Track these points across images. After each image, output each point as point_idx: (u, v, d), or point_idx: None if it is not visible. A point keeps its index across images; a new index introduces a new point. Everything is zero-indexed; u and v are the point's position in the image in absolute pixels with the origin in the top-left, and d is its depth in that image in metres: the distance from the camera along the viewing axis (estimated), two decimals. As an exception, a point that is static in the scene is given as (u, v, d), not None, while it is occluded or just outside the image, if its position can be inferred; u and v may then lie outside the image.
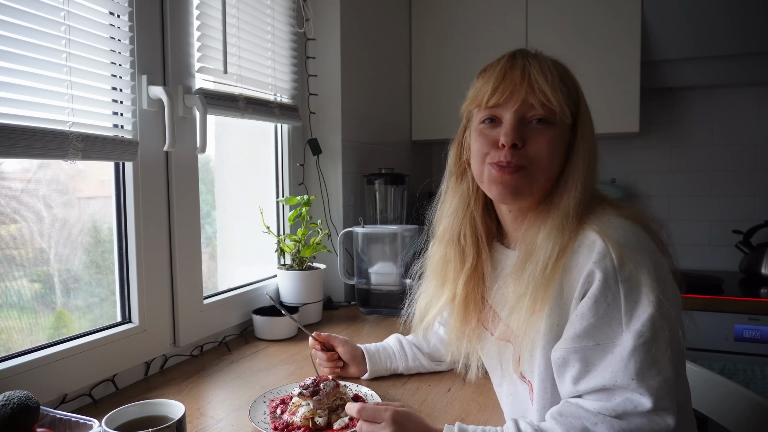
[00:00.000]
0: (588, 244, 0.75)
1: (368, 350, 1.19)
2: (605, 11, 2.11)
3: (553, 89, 0.80)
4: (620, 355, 0.70)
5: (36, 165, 1.07)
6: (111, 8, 1.11)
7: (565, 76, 0.84)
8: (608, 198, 0.86)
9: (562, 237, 0.78)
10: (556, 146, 0.82)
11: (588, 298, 0.73)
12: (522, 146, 0.81)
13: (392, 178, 1.93)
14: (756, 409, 0.99)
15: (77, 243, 1.15)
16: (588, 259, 0.74)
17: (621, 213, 0.80)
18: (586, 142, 0.83)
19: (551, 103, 0.79)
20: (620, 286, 0.71)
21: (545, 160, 0.81)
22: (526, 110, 0.81)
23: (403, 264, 1.73)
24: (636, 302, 0.71)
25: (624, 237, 0.74)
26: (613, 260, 0.72)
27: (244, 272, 1.66)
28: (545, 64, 0.82)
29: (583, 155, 0.82)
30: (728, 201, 2.35)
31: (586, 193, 0.81)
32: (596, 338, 0.72)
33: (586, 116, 0.85)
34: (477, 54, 2.29)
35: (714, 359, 1.87)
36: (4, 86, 0.91)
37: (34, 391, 0.82)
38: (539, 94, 0.80)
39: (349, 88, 1.90)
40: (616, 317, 0.71)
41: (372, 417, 0.84)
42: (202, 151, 1.31)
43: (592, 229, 0.76)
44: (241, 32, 1.49)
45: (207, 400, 1.08)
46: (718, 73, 2.12)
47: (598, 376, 0.72)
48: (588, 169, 0.82)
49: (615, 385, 0.70)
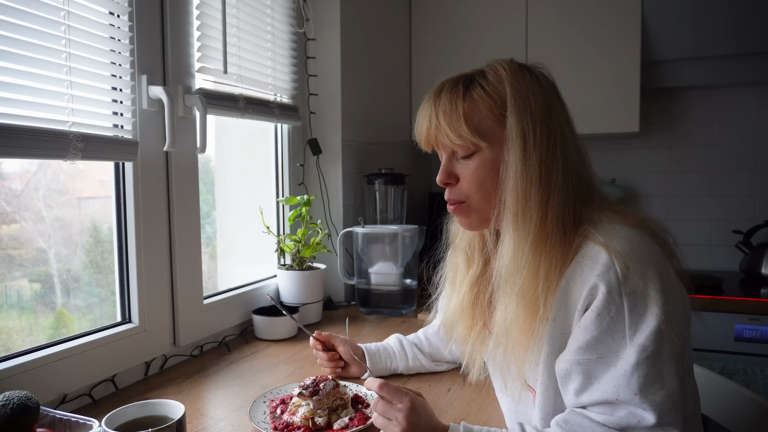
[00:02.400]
0: (591, 255, 0.74)
1: (368, 350, 1.19)
2: (605, 11, 2.11)
3: (452, 127, 0.81)
4: (623, 369, 0.69)
5: (36, 165, 1.07)
6: (111, 8, 1.11)
7: (478, 96, 0.82)
8: (611, 204, 0.84)
9: (522, 256, 0.77)
10: (484, 174, 0.83)
11: (591, 311, 0.72)
12: (456, 183, 0.86)
13: (392, 178, 1.93)
14: (756, 409, 0.99)
15: (77, 243, 1.15)
16: (592, 272, 0.73)
17: (626, 221, 0.78)
18: (516, 155, 0.78)
19: (456, 140, 0.82)
20: (624, 299, 0.70)
21: (476, 191, 0.84)
22: (450, 148, 0.85)
23: (404, 264, 1.73)
24: (640, 315, 0.70)
25: (629, 248, 0.73)
26: (617, 273, 0.71)
27: (244, 272, 1.66)
28: (445, 96, 0.83)
29: (514, 169, 0.78)
30: (728, 201, 2.35)
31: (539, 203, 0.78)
32: (599, 351, 0.71)
33: (521, 125, 0.79)
34: (477, 54, 2.29)
35: (714, 359, 1.87)
36: (4, 86, 0.91)
37: (34, 391, 0.82)
38: (444, 135, 0.83)
39: (349, 88, 1.90)
40: (619, 331, 0.70)
41: (391, 396, 0.84)
42: (202, 151, 1.31)
43: (597, 241, 0.75)
44: (241, 32, 1.49)
45: (207, 400, 1.08)
46: (718, 73, 2.12)
47: (600, 389, 0.71)
48: (526, 182, 0.78)
49: (618, 400, 0.69)
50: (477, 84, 0.83)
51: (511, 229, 0.79)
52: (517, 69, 0.83)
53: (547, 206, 0.78)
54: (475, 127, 0.81)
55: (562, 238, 0.78)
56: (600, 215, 0.79)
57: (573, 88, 2.10)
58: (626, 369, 0.69)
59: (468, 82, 0.84)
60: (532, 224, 0.77)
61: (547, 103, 0.81)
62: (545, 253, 0.77)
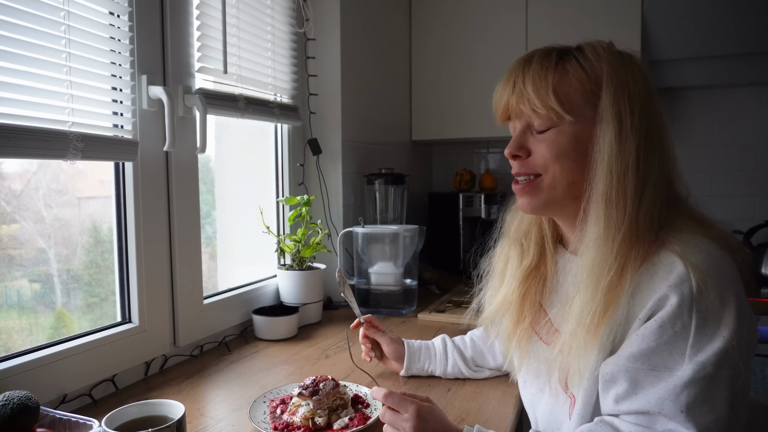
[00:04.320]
0: (666, 264, 0.69)
1: (410, 346, 1.16)
2: (605, 11, 2.11)
3: (538, 95, 0.76)
4: (674, 383, 0.65)
5: (36, 165, 1.07)
6: (111, 8, 1.11)
7: (572, 68, 0.78)
8: (693, 212, 0.79)
9: (612, 249, 0.71)
10: (564, 147, 0.77)
11: (654, 320, 0.68)
12: (527, 156, 0.81)
13: (392, 178, 1.93)
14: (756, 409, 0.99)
15: (77, 243, 1.15)
16: (664, 282, 0.68)
17: (708, 233, 0.73)
18: (610, 136, 0.73)
19: (540, 109, 0.77)
20: (694, 316, 0.66)
21: (553, 162, 0.78)
22: (527, 120, 0.81)
23: (404, 264, 1.73)
24: (707, 336, 0.65)
25: (709, 263, 0.68)
26: (692, 287, 0.66)
27: (244, 272, 1.66)
28: (536, 63, 0.79)
29: (608, 150, 0.73)
30: (728, 201, 2.35)
31: (633, 198, 0.72)
32: (652, 363, 0.68)
33: (617, 105, 0.74)
34: (477, 54, 2.29)
35: (714, 359, 1.87)
36: (4, 86, 0.91)
37: (34, 391, 0.82)
38: (526, 102, 0.78)
39: (349, 88, 1.90)
40: (679, 347, 0.66)
41: (397, 406, 0.84)
42: (202, 151, 1.31)
43: (673, 250, 0.70)
44: (241, 32, 1.49)
45: (207, 400, 1.08)
46: (718, 73, 2.12)
47: (643, 399, 0.67)
48: (623, 166, 0.72)
49: (660, 413, 0.66)
50: (572, 56, 0.79)
51: (602, 217, 0.73)
52: (618, 53, 0.79)
53: (641, 198, 0.72)
54: (563, 98, 0.76)
55: (647, 234, 0.72)
56: (680, 223, 0.75)
57: (573, 88, 2.11)
58: (677, 384, 0.65)
59: (563, 53, 0.80)
60: (627, 214, 0.71)
61: (648, 92, 0.77)
62: (635, 250, 0.71)
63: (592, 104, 0.77)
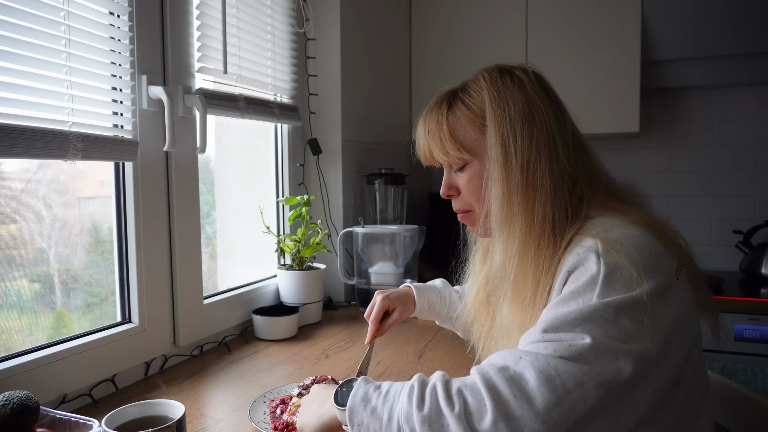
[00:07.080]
0: (581, 244, 0.72)
1: (418, 288, 1.20)
2: (605, 11, 2.11)
3: (440, 145, 0.85)
4: (580, 311, 0.65)
5: (36, 165, 1.07)
6: (111, 8, 1.11)
7: (459, 111, 0.85)
8: (615, 200, 0.81)
9: (510, 257, 0.78)
10: (477, 185, 0.85)
11: (568, 282, 0.69)
12: (458, 194, 0.90)
13: (392, 178, 1.93)
14: (756, 409, 0.99)
15: (77, 243, 1.15)
16: (574, 256, 0.71)
17: (628, 218, 0.74)
18: (497, 164, 0.79)
19: (444, 157, 0.86)
20: (602, 267, 0.66)
21: (474, 201, 0.87)
22: (446, 162, 0.89)
23: (404, 264, 1.73)
24: (615, 290, 0.65)
25: (620, 236, 0.70)
26: (598, 249, 0.68)
27: (244, 272, 1.66)
28: (431, 115, 0.88)
29: (495, 177, 0.79)
30: (728, 201, 2.35)
31: (513, 206, 0.78)
32: (567, 305, 0.67)
33: (500, 132, 0.80)
34: (477, 54, 2.29)
35: (714, 359, 1.87)
36: (4, 86, 0.91)
37: (34, 391, 0.82)
38: (435, 152, 0.87)
39: (349, 88, 1.90)
40: (587, 295, 0.66)
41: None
42: (202, 151, 1.31)
43: (590, 233, 0.73)
44: (241, 32, 1.49)
45: (207, 400, 1.08)
46: (718, 73, 2.12)
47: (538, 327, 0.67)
48: (509, 188, 0.78)
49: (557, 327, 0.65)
50: (459, 99, 0.86)
51: (497, 236, 0.80)
52: (498, 77, 0.83)
53: (533, 209, 0.77)
54: (460, 141, 0.84)
55: (552, 237, 0.76)
56: (600, 210, 0.77)
57: (573, 88, 2.11)
58: (583, 311, 0.64)
59: (451, 98, 0.87)
60: (518, 229, 0.77)
61: (528, 104, 0.80)
62: (533, 257, 0.76)
63: (485, 137, 0.83)
